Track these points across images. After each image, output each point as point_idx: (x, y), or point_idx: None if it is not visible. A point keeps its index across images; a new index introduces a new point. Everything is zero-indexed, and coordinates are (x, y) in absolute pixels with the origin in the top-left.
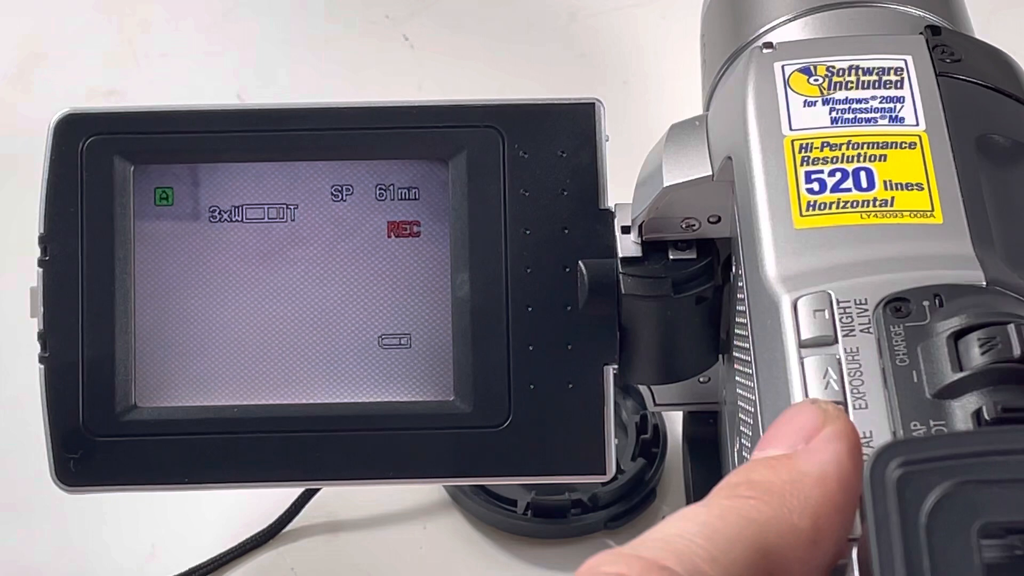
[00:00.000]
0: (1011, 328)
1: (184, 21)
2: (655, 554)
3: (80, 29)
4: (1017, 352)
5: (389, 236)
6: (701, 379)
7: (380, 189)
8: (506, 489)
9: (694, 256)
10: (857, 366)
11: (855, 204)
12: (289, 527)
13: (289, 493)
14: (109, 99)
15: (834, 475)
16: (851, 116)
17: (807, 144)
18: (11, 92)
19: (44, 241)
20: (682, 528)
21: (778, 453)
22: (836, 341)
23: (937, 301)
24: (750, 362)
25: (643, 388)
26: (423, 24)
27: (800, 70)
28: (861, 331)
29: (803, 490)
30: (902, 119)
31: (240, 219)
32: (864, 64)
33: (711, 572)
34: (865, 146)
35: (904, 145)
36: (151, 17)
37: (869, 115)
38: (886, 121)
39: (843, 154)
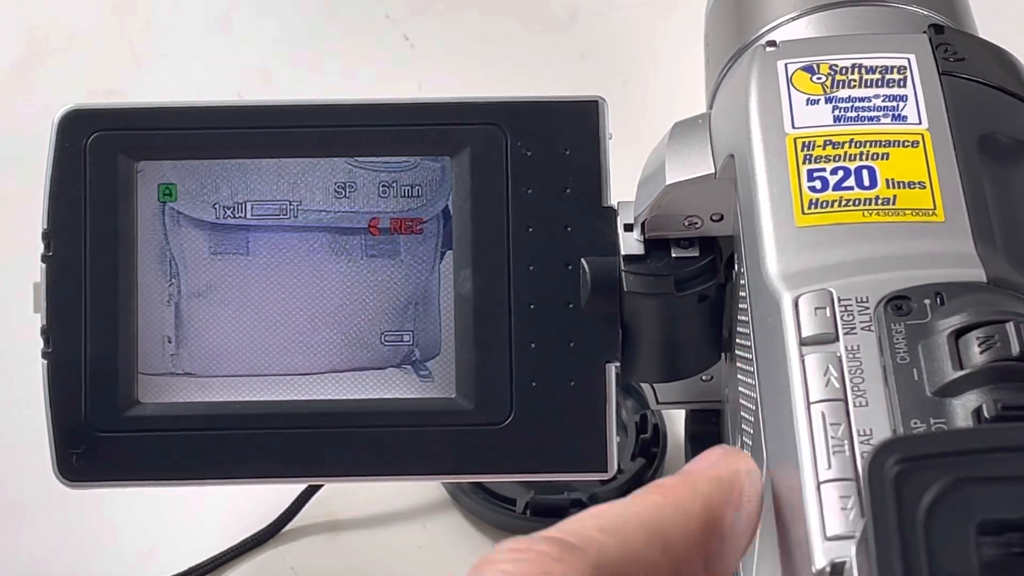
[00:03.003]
0: (1010, 326)
1: (184, 21)
2: (545, 531)
3: (80, 29)
4: (1016, 350)
5: (392, 233)
6: (703, 377)
7: (383, 186)
8: (505, 488)
9: (696, 254)
10: (858, 364)
11: (857, 202)
12: (289, 527)
13: (289, 492)
14: (109, 99)
15: (726, 475)
16: (854, 114)
17: (809, 142)
18: (11, 91)
19: (47, 237)
20: (580, 515)
21: None
22: (837, 339)
23: (938, 299)
24: (751, 360)
25: (645, 386)
26: (423, 24)
27: (803, 68)
28: (862, 329)
29: (694, 484)
30: (905, 118)
31: (243, 215)
32: (867, 63)
33: (602, 539)
34: (867, 144)
35: (907, 143)
36: (151, 17)
37: (872, 113)
38: (889, 119)
39: (845, 152)
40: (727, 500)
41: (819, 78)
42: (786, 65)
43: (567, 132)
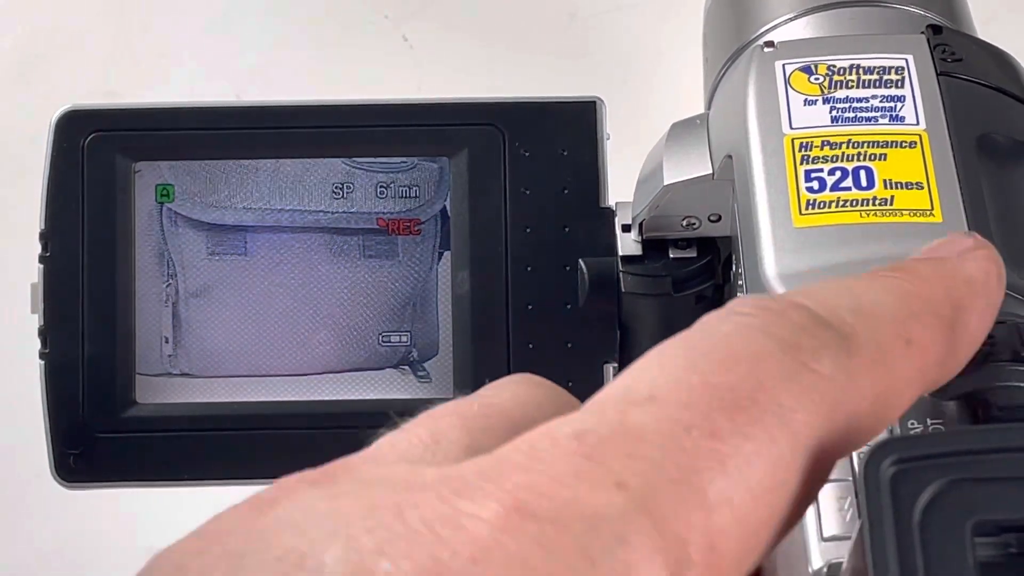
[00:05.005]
0: (1009, 327)
1: (184, 21)
2: (793, 295)
3: (80, 29)
4: (1014, 351)
5: (390, 234)
6: None
7: (381, 187)
8: None
9: (694, 255)
10: None
11: (854, 203)
12: None
13: None
14: (108, 99)
15: (981, 283)
16: (851, 115)
17: (807, 143)
18: (11, 91)
19: (45, 237)
20: (826, 284)
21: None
22: None
23: None
24: None
25: None
26: (423, 24)
27: (801, 69)
28: None
29: (948, 282)
30: (902, 118)
31: (241, 216)
32: (865, 63)
33: (853, 322)
34: (865, 145)
35: (904, 144)
36: (151, 17)
37: (869, 114)
38: (886, 120)
39: (843, 153)
40: (971, 307)
41: (817, 78)
42: (784, 66)
43: (565, 132)
